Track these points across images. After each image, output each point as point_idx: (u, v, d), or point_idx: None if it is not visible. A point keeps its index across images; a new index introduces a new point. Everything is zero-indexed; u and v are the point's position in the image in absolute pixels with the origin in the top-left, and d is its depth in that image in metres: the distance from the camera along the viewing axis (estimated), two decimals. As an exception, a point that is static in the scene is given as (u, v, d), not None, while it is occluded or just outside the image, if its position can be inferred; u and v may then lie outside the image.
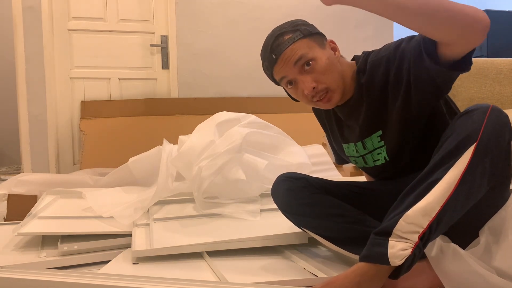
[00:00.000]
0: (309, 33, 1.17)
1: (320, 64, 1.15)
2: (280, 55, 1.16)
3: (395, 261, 0.97)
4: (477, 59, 2.95)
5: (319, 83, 1.15)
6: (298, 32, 1.16)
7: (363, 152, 1.28)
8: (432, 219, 0.96)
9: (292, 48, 1.15)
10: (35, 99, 3.18)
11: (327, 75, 1.16)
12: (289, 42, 1.15)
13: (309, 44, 1.16)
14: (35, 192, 2.16)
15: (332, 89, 1.17)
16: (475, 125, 0.98)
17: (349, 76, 1.21)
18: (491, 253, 1.06)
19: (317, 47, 1.17)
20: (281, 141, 2.05)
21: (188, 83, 3.49)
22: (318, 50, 1.16)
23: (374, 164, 1.29)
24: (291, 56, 1.15)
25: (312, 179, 1.34)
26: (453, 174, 0.96)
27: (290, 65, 1.15)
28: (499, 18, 4.63)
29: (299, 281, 1.18)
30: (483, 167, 0.97)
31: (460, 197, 0.96)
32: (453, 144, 0.98)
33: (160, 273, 1.28)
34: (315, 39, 1.18)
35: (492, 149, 0.97)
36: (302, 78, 1.16)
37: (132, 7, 3.42)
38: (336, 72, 1.17)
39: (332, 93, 1.17)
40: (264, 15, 3.56)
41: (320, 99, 1.18)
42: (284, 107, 3.44)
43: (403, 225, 0.97)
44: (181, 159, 1.81)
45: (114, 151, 3.07)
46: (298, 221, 1.32)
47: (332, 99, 1.18)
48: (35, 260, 1.44)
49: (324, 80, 1.16)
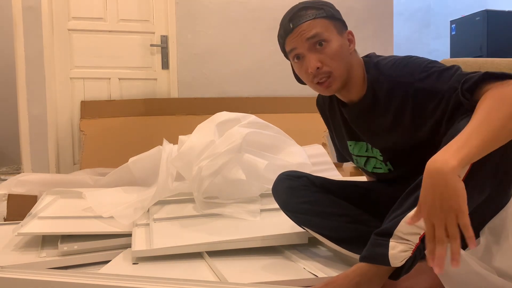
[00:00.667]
0: (332, 15, 1.17)
1: (331, 48, 1.14)
2: (297, 26, 1.15)
3: (396, 262, 0.96)
4: (477, 59, 2.95)
5: (324, 65, 1.14)
6: (322, 10, 1.16)
7: (367, 154, 1.28)
8: None
9: (311, 23, 1.14)
10: (35, 99, 3.17)
11: (335, 61, 1.15)
12: (310, 17, 1.15)
13: (328, 26, 1.16)
14: (35, 192, 2.16)
15: (335, 76, 1.15)
16: None
17: (356, 73, 1.19)
18: (491, 254, 1.05)
19: (335, 31, 1.16)
20: (281, 141, 2.05)
21: (188, 83, 3.49)
22: (334, 35, 1.16)
23: (373, 170, 1.29)
24: (307, 30, 1.14)
25: (313, 178, 1.34)
26: None
27: (303, 39, 1.15)
28: (499, 18, 4.63)
29: (299, 281, 1.18)
30: (485, 169, 0.96)
31: None
32: None
33: (160, 273, 1.28)
34: (335, 24, 1.17)
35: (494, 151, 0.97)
36: (310, 56, 1.15)
37: (132, 7, 3.42)
38: (344, 61, 1.16)
39: (333, 80, 1.16)
40: (264, 15, 3.56)
41: (320, 82, 1.16)
42: (284, 107, 3.44)
43: (404, 226, 0.97)
44: (181, 159, 1.81)
45: (114, 151, 3.07)
46: (299, 219, 1.32)
47: (332, 86, 1.16)
48: (35, 260, 1.44)
49: (330, 63, 1.14)
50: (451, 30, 5.12)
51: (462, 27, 4.95)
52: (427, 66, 1.09)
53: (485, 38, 4.61)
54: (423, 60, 1.12)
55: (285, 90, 3.51)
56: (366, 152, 1.27)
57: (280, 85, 3.52)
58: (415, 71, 1.09)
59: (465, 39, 4.89)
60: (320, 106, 1.40)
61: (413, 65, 1.11)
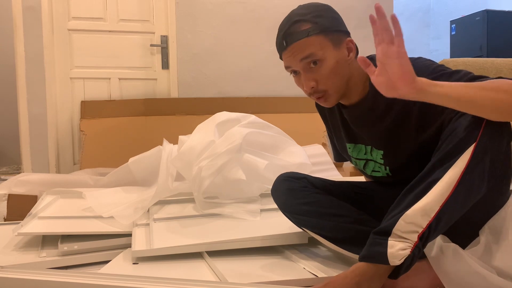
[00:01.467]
0: (327, 29, 1.13)
1: (326, 66, 1.12)
2: (290, 45, 1.13)
3: (394, 261, 0.97)
4: (477, 59, 2.95)
5: (319, 84, 1.14)
6: (317, 25, 1.12)
7: (366, 157, 1.27)
8: (432, 219, 0.96)
9: (304, 42, 1.12)
10: (35, 99, 3.17)
11: (330, 79, 1.13)
12: (303, 35, 1.11)
13: (323, 42, 1.12)
14: (35, 192, 2.16)
15: (330, 93, 1.15)
16: (474, 126, 0.97)
17: (357, 79, 1.18)
18: (491, 253, 1.06)
19: (331, 46, 1.13)
20: (281, 141, 2.05)
21: (188, 83, 3.49)
22: (329, 51, 1.13)
23: (371, 174, 1.29)
24: (300, 51, 1.12)
25: (313, 179, 1.34)
26: (452, 174, 0.96)
27: (297, 59, 1.13)
28: (499, 18, 4.63)
29: (299, 281, 1.18)
30: (482, 167, 0.97)
31: (459, 197, 0.96)
32: (452, 144, 0.98)
33: (160, 273, 1.28)
34: (331, 37, 1.13)
35: (491, 149, 0.97)
36: (305, 75, 1.14)
37: (132, 7, 3.42)
38: (340, 76, 1.15)
39: (329, 96, 1.16)
40: (264, 15, 3.56)
41: (318, 98, 1.17)
42: (284, 107, 3.45)
43: (402, 224, 0.97)
44: (181, 159, 1.81)
45: (114, 151, 3.07)
46: (298, 220, 1.32)
47: (329, 100, 1.17)
48: (35, 260, 1.44)
49: (325, 82, 1.14)
50: (451, 30, 5.12)
51: (462, 27, 4.95)
52: (436, 69, 1.07)
53: (485, 38, 4.61)
54: (430, 63, 1.10)
55: (285, 90, 3.51)
56: (365, 155, 1.27)
57: (280, 85, 3.52)
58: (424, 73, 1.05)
59: (465, 39, 4.89)
60: (319, 107, 1.40)
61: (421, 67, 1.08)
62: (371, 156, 1.25)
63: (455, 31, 5.07)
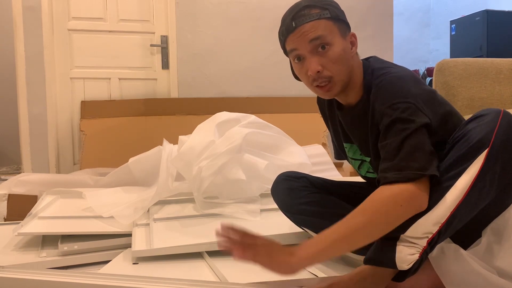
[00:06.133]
0: (337, 17, 1.12)
1: (334, 52, 1.10)
2: (300, 26, 1.10)
3: (403, 266, 0.96)
4: (477, 59, 2.95)
5: (325, 69, 1.10)
6: (327, 11, 1.10)
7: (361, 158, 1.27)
8: (442, 224, 0.96)
9: (314, 24, 1.09)
10: (35, 99, 3.17)
11: (336, 65, 1.10)
12: (314, 17, 1.09)
13: (332, 28, 1.10)
14: (35, 192, 2.16)
15: (335, 80, 1.11)
16: (487, 130, 0.96)
17: (356, 77, 1.16)
18: (492, 253, 1.05)
19: (338, 34, 1.11)
20: (281, 141, 2.05)
21: (188, 83, 3.49)
22: (338, 37, 1.11)
23: (366, 175, 1.28)
24: (310, 31, 1.09)
25: (313, 179, 1.34)
26: (465, 180, 0.95)
27: (306, 40, 1.09)
28: (499, 18, 4.63)
29: (299, 281, 1.18)
30: (494, 172, 0.96)
31: (470, 202, 0.96)
32: (465, 149, 0.97)
33: (160, 273, 1.28)
34: (339, 26, 1.12)
35: (503, 154, 0.96)
36: (311, 58, 1.10)
37: (132, 7, 3.42)
38: (346, 65, 1.12)
39: (333, 84, 1.12)
40: (264, 15, 3.56)
41: (320, 86, 1.12)
42: (284, 107, 3.44)
43: (412, 231, 0.97)
44: (181, 159, 1.81)
45: (114, 151, 3.06)
46: (298, 220, 1.31)
47: (332, 90, 1.13)
48: (35, 260, 1.44)
49: (331, 68, 1.10)
50: (451, 30, 5.12)
51: (462, 27, 4.94)
52: (396, 105, 1.03)
53: (485, 38, 4.61)
54: (405, 91, 1.05)
55: (285, 90, 3.51)
56: (360, 156, 1.26)
57: (280, 85, 3.52)
58: (386, 101, 1.05)
59: (465, 39, 4.89)
60: (320, 104, 1.37)
61: (390, 94, 1.06)
62: (365, 157, 1.25)
63: (455, 31, 5.07)
